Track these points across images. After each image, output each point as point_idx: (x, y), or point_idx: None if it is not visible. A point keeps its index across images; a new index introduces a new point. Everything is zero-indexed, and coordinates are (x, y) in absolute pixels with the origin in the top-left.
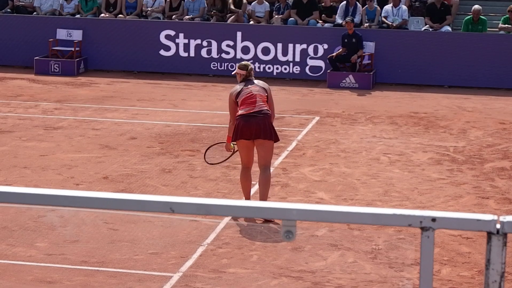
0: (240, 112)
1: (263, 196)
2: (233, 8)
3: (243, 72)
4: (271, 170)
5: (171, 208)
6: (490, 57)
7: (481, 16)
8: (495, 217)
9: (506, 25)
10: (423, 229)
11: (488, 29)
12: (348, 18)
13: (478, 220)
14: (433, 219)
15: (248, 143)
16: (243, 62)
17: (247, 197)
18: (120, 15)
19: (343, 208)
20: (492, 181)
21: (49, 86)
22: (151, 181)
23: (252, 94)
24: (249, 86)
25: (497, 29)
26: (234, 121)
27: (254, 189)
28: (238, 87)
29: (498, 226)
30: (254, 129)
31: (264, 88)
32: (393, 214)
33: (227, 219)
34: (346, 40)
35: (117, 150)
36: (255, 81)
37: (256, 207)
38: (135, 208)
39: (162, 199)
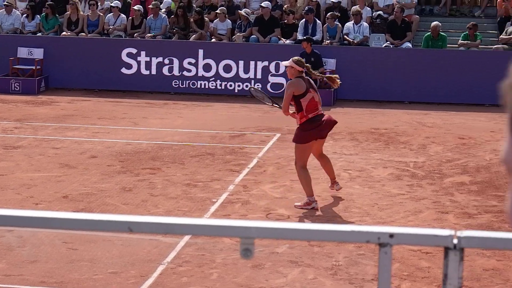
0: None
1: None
2: (196, 26)
3: (300, 69)
4: (231, 187)
5: (129, 227)
6: (449, 73)
7: (441, 33)
8: (452, 232)
9: (466, 41)
10: (381, 245)
11: (448, 45)
12: (304, 38)
13: (435, 235)
14: (391, 235)
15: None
16: (298, 57)
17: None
18: (81, 33)
19: (301, 225)
20: (451, 196)
21: (9, 105)
22: (111, 199)
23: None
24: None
25: (457, 45)
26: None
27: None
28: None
29: (455, 241)
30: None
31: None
32: (351, 231)
33: (187, 237)
34: (304, 59)
35: (77, 169)
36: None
37: (215, 226)
38: (93, 228)
39: (120, 219)
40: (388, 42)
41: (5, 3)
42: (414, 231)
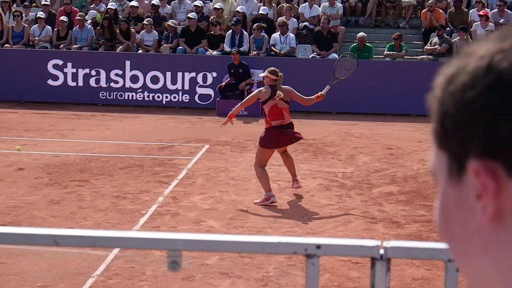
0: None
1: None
2: (122, 38)
3: (274, 77)
4: (160, 199)
5: (55, 241)
6: (376, 84)
7: (367, 43)
8: (379, 243)
9: (391, 52)
10: (308, 256)
11: (374, 56)
12: (233, 50)
13: (362, 246)
14: (318, 246)
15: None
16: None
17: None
18: (6, 45)
19: (228, 237)
20: (380, 205)
21: None
22: (39, 212)
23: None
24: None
25: (382, 56)
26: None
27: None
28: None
29: (381, 251)
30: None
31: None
32: (278, 242)
33: (116, 250)
34: (232, 71)
35: (4, 181)
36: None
37: (141, 238)
38: (19, 241)
39: (46, 232)
40: (315, 53)
41: None
42: (341, 242)
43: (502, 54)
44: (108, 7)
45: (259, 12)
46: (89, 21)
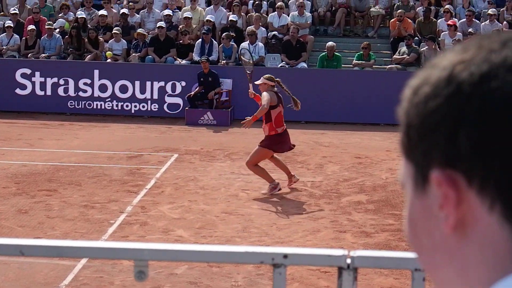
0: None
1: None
2: (91, 47)
3: (272, 84)
4: (128, 208)
5: (21, 251)
6: (345, 93)
7: (336, 53)
8: (346, 252)
9: (360, 61)
10: (275, 266)
11: (343, 65)
12: (203, 58)
13: (329, 255)
14: (285, 256)
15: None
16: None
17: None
18: None
19: (195, 247)
20: (349, 215)
21: None
22: (6, 222)
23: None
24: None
25: (351, 65)
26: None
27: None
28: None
29: (348, 261)
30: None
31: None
32: (245, 252)
33: (84, 260)
34: (202, 79)
35: None
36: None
37: (107, 248)
38: None
39: (12, 242)
40: (284, 62)
41: None
42: (308, 251)
43: (462, 65)
44: (76, 16)
45: (229, 19)
46: (57, 30)
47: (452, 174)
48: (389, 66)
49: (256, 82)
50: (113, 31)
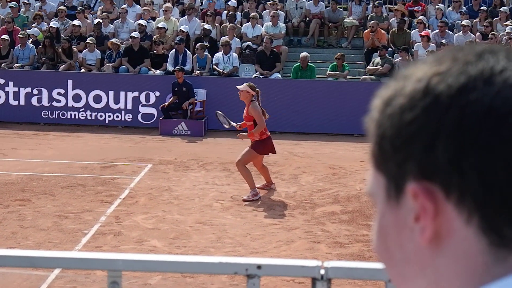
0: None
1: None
2: (64, 57)
3: (253, 93)
4: (102, 218)
5: None
6: (319, 103)
7: (310, 63)
8: (319, 263)
9: (334, 72)
10: (249, 276)
11: (317, 76)
12: (177, 67)
13: (302, 266)
14: (259, 267)
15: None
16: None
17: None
18: None
19: (169, 257)
20: (323, 225)
21: None
22: None
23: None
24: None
25: (325, 76)
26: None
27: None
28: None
29: (322, 271)
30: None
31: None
32: (219, 263)
33: (57, 270)
34: (176, 89)
35: None
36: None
37: (81, 259)
38: None
39: None
40: (258, 73)
41: None
42: (282, 262)
43: (439, 77)
44: (50, 26)
45: (203, 27)
46: (31, 39)
47: (429, 186)
48: (363, 76)
49: (239, 87)
50: (87, 41)
